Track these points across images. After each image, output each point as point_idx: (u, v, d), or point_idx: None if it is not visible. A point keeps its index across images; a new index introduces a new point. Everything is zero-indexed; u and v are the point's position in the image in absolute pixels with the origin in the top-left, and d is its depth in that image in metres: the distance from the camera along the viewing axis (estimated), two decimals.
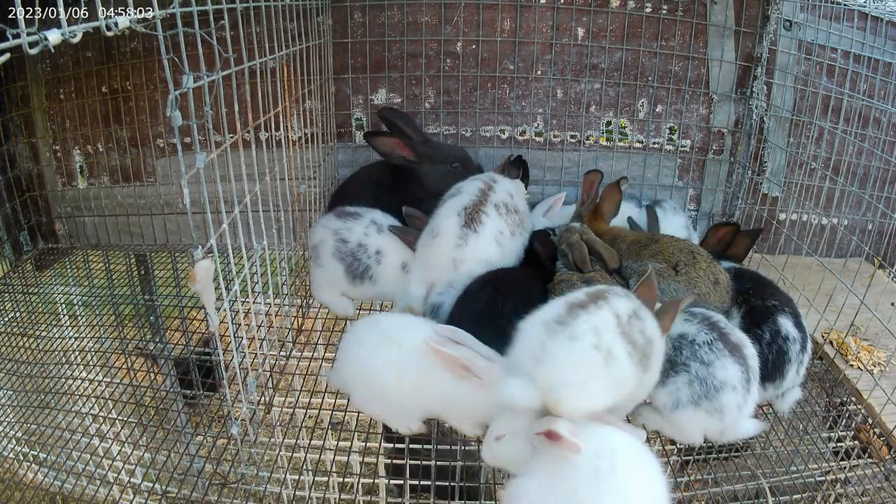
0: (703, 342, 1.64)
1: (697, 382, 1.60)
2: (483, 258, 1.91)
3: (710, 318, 1.72)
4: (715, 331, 1.67)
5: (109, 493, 2.10)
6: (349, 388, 1.72)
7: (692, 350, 1.64)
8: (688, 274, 1.96)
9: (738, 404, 1.60)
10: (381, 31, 2.70)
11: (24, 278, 3.01)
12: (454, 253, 1.91)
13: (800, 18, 2.68)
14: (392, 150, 2.40)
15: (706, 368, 1.60)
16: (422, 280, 2.00)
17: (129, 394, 2.64)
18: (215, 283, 1.38)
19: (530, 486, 1.26)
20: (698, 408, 1.60)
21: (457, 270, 1.90)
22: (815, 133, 2.81)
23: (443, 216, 1.96)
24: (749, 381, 1.63)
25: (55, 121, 2.92)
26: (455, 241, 1.90)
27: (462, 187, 2.05)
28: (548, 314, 1.40)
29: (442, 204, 2.04)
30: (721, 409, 1.59)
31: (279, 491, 1.90)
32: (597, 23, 2.69)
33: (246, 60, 1.50)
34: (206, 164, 1.31)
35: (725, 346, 1.64)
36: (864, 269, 2.64)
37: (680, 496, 2.07)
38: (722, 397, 1.59)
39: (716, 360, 1.61)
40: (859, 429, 2.08)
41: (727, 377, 1.60)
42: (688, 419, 1.62)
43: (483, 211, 1.94)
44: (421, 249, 2.03)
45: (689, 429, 1.65)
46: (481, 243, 1.91)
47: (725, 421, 1.60)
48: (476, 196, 1.97)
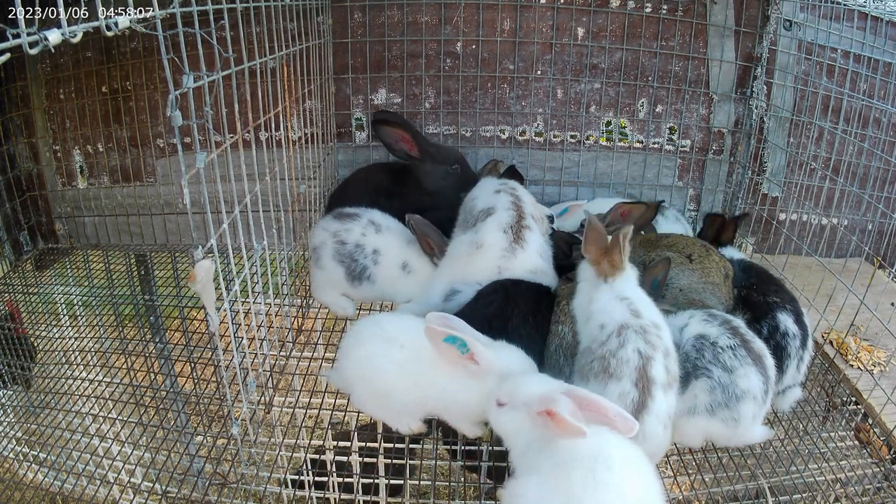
0: (727, 346, 1.59)
1: (720, 389, 1.55)
2: (528, 268, 1.96)
3: (731, 322, 1.67)
4: (737, 336, 1.62)
5: (109, 493, 2.10)
6: (349, 388, 1.72)
7: (714, 353, 1.59)
8: (702, 263, 1.99)
9: (755, 414, 1.58)
10: (381, 30, 2.70)
11: (24, 278, 3.01)
12: (500, 262, 1.95)
13: (800, 18, 2.68)
14: (396, 141, 2.40)
15: (729, 375, 1.55)
16: (448, 281, 2.02)
17: (129, 394, 2.64)
18: (215, 283, 1.38)
19: (528, 485, 1.27)
20: (713, 416, 1.56)
21: (500, 276, 1.94)
22: (815, 133, 2.81)
23: (487, 231, 1.98)
24: (767, 392, 1.60)
25: (55, 121, 2.92)
26: (502, 253, 1.95)
27: (494, 203, 2.04)
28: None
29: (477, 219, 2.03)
30: (738, 418, 1.55)
31: (279, 491, 1.90)
32: (597, 23, 2.69)
33: (246, 60, 1.50)
34: (206, 164, 1.31)
35: (749, 355, 1.59)
36: (864, 269, 2.64)
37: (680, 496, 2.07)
38: (741, 407, 1.55)
39: (739, 368, 1.56)
40: (859, 428, 2.08)
41: (750, 387, 1.55)
42: (697, 427, 1.60)
43: (526, 226, 1.98)
44: (456, 258, 2.04)
45: (694, 436, 1.62)
46: (526, 257, 1.96)
47: (738, 430, 1.57)
48: (513, 211, 2.01)
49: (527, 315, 1.78)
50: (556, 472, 1.24)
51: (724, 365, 1.57)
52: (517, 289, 1.86)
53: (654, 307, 1.64)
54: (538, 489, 1.25)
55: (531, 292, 1.88)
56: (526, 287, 1.89)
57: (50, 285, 3.10)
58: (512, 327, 1.75)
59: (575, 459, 1.23)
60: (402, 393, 1.61)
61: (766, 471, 1.90)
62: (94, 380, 2.63)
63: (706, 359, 1.59)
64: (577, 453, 1.24)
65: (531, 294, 1.87)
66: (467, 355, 1.48)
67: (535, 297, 1.86)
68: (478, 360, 1.48)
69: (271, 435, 2.42)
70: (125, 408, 2.63)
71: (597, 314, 1.61)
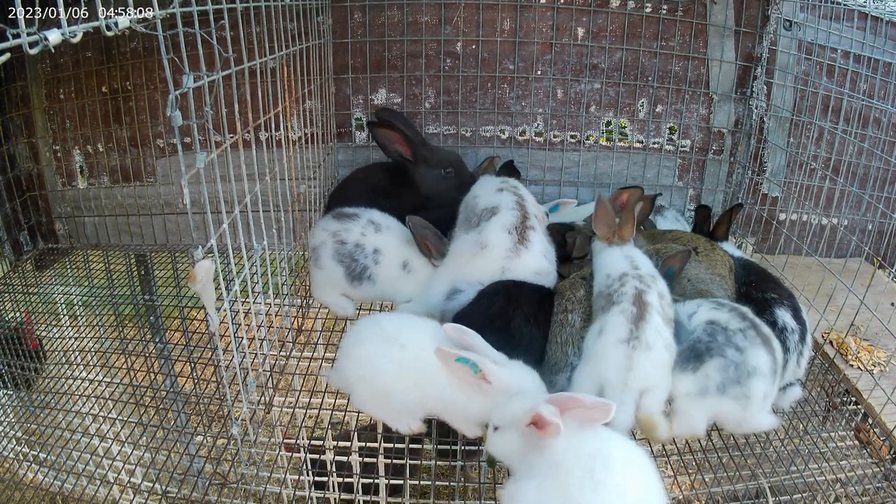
0: (737, 329, 1.64)
1: (733, 367, 1.58)
2: (532, 269, 1.96)
3: (739, 309, 1.72)
4: (746, 320, 1.67)
5: (109, 493, 2.11)
6: (349, 388, 1.72)
7: (726, 336, 1.63)
8: (708, 256, 2.03)
9: (765, 394, 1.60)
10: (381, 31, 2.70)
11: (24, 278, 3.01)
12: (504, 263, 1.95)
13: (800, 18, 2.68)
14: (392, 143, 2.40)
15: (740, 354, 1.59)
16: (450, 280, 2.02)
17: (129, 394, 2.64)
18: (215, 283, 1.38)
19: (527, 488, 1.27)
20: (724, 395, 1.58)
21: (504, 277, 1.94)
22: (815, 133, 2.81)
23: (491, 231, 1.98)
24: (775, 374, 1.64)
25: (55, 121, 2.92)
26: (506, 254, 1.95)
27: (498, 203, 2.04)
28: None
29: (480, 218, 2.03)
30: (749, 395, 1.57)
31: (279, 491, 1.90)
32: (597, 23, 2.69)
33: (246, 60, 1.50)
34: (206, 164, 1.31)
35: (758, 336, 1.64)
36: (864, 269, 2.64)
37: (680, 496, 2.07)
38: (752, 384, 1.57)
39: (750, 348, 1.60)
40: (859, 428, 2.08)
41: (759, 364, 1.59)
42: (705, 409, 1.60)
43: (530, 227, 1.99)
44: (458, 257, 2.04)
45: (700, 419, 1.62)
46: (530, 258, 1.97)
47: (749, 411, 1.58)
48: (517, 211, 2.01)
49: (528, 316, 1.78)
50: (555, 473, 1.24)
51: (735, 346, 1.61)
52: (519, 290, 1.86)
53: (651, 264, 1.80)
54: (537, 491, 1.24)
55: (533, 293, 1.88)
56: (528, 288, 1.89)
57: (50, 285, 3.10)
58: (514, 327, 1.75)
59: (574, 460, 1.23)
60: (402, 393, 1.61)
61: (766, 470, 1.90)
62: (94, 380, 2.63)
63: (719, 341, 1.62)
64: (576, 454, 1.24)
65: (533, 295, 1.87)
66: (480, 374, 1.49)
67: (537, 299, 1.86)
68: (490, 380, 1.49)
69: (271, 435, 2.41)
70: (125, 408, 2.63)
71: (604, 267, 1.82)
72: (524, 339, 1.74)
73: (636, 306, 1.61)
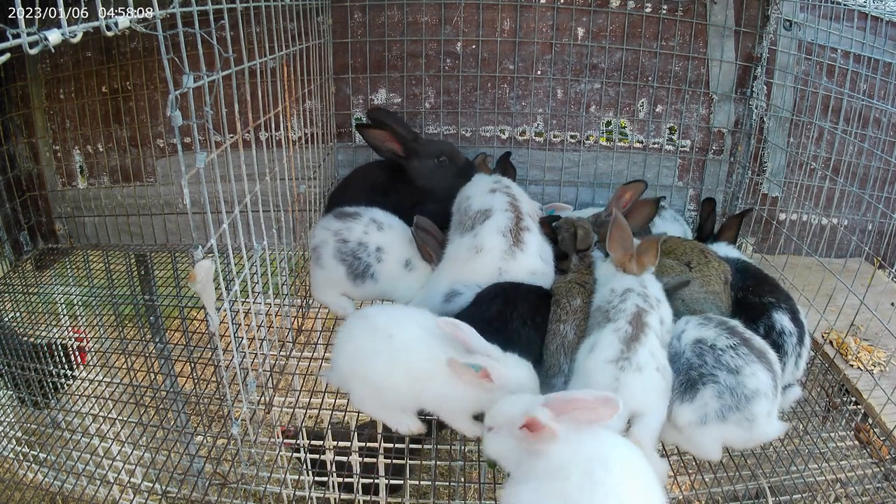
0: (726, 346, 1.57)
1: (728, 393, 1.52)
2: (528, 270, 1.97)
3: (727, 323, 1.66)
4: (735, 335, 1.61)
5: (109, 493, 2.10)
6: (346, 386, 1.72)
7: (715, 356, 1.56)
8: (702, 271, 1.99)
9: (768, 411, 1.55)
10: (381, 31, 2.70)
11: (24, 278, 3.01)
12: (500, 264, 1.95)
13: (800, 18, 2.68)
14: (382, 142, 2.40)
15: (735, 377, 1.52)
16: (448, 282, 2.02)
17: (130, 394, 2.64)
18: (215, 283, 1.38)
19: (526, 490, 1.26)
20: (726, 421, 1.53)
21: (501, 278, 1.95)
22: (815, 133, 2.81)
23: (486, 234, 1.98)
24: (776, 387, 1.58)
25: (55, 121, 2.92)
26: (501, 256, 1.95)
27: (490, 204, 2.03)
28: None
29: (474, 221, 2.03)
30: (752, 418, 1.52)
31: (279, 491, 1.90)
32: (597, 23, 2.69)
33: (246, 60, 1.50)
34: (206, 164, 1.31)
35: (752, 352, 1.57)
36: (864, 269, 2.64)
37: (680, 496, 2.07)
38: (754, 406, 1.52)
39: (745, 367, 1.53)
40: (859, 428, 2.08)
41: (759, 385, 1.53)
42: (712, 436, 1.56)
43: (525, 227, 1.99)
44: (455, 260, 2.04)
45: (712, 445, 1.58)
46: (526, 259, 1.97)
47: (754, 430, 1.54)
48: (511, 212, 2.00)
49: (526, 318, 1.79)
50: (553, 475, 1.23)
51: (727, 367, 1.54)
52: (516, 292, 1.87)
53: (661, 288, 1.75)
54: (535, 494, 1.23)
55: (531, 294, 1.88)
56: (525, 290, 1.89)
57: (50, 285, 3.10)
58: (511, 329, 1.75)
59: (572, 462, 1.22)
60: (395, 385, 1.61)
61: (766, 471, 1.90)
62: (94, 380, 2.63)
63: (709, 364, 1.56)
64: (575, 456, 1.24)
65: (531, 296, 1.87)
66: (481, 373, 1.49)
67: (535, 300, 1.87)
68: (493, 378, 1.49)
69: (271, 435, 2.41)
70: (125, 408, 2.63)
71: (609, 283, 1.80)
72: (522, 342, 1.74)
73: (633, 325, 1.57)
